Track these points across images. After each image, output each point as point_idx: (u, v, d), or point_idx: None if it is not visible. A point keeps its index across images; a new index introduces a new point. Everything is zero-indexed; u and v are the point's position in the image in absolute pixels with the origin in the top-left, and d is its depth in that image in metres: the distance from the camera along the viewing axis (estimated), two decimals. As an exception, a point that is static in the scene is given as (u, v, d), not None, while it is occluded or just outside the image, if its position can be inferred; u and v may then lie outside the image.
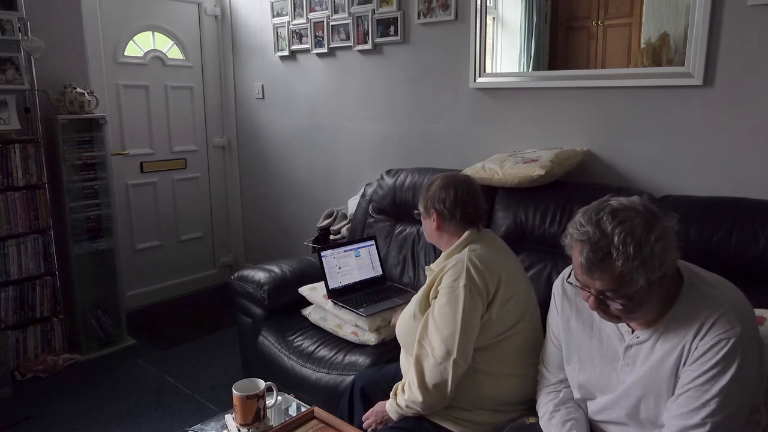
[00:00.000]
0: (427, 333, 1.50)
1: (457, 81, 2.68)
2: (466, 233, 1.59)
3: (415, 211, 1.75)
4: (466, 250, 1.56)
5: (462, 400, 1.52)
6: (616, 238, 1.06)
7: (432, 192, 1.64)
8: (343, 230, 2.90)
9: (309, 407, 1.62)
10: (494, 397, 1.53)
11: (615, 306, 1.12)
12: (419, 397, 1.46)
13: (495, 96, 2.57)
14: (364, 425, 1.62)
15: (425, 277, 1.66)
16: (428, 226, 1.68)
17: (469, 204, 1.60)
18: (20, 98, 2.78)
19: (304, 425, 1.55)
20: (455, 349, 1.43)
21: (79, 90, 2.87)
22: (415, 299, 1.62)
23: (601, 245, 1.07)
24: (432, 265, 1.64)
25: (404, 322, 1.64)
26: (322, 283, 2.25)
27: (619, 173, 2.23)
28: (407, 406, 1.50)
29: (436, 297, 1.53)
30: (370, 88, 3.07)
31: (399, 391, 1.55)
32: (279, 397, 1.62)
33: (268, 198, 3.87)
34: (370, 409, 1.64)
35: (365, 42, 2.99)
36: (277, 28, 3.47)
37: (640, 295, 1.09)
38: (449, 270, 1.52)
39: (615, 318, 1.16)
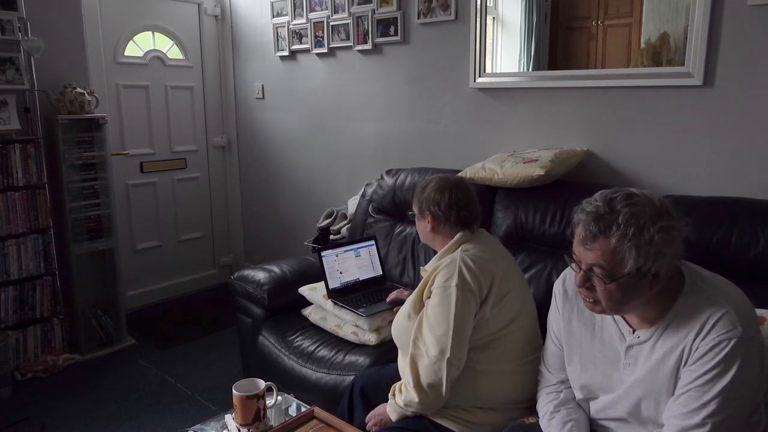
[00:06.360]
0: (421, 333, 1.51)
1: (457, 81, 2.68)
2: (459, 234, 1.61)
3: (410, 212, 1.74)
4: (459, 250, 1.57)
5: (461, 399, 1.52)
6: (620, 217, 1.08)
7: (427, 194, 1.64)
8: (343, 230, 2.90)
9: (309, 407, 1.62)
10: (493, 395, 1.54)
11: (599, 287, 1.13)
12: (415, 398, 1.47)
13: (495, 96, 2.57)
14: (367, 428, 1.62)
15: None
16: (422, 228, 1.69)
17: (464, 207, 1.61)
18: (20, 98, 2.78)
19: (304, 425, 1.56)
20: (449, 348, 1.44)
21: (79, 90, 2.87)
22: (410, 300, 1.63)
23: (605, 219, 1.10)
24: (426, 266, 1.64)
25: (399, 322, 1.65)
26: (322, 283, 2.25)
27: (619, 173, 2.23)
28: (406, 405, 1.50)
29: (429, 297, 1.53)
30: (370, 88, 3.07)
31: (397, 391, 1.56)
32: (279, 397, 1.62)
33: (268, 198, 3.87)
34: (371, 412, 1.64)
35: (365, 42, 2.99)
36: (277, 28, 3.47)
37: (626, 283, 1.10)
38: (442, 270, 1.53)
39: (598, 305, 1.17)
